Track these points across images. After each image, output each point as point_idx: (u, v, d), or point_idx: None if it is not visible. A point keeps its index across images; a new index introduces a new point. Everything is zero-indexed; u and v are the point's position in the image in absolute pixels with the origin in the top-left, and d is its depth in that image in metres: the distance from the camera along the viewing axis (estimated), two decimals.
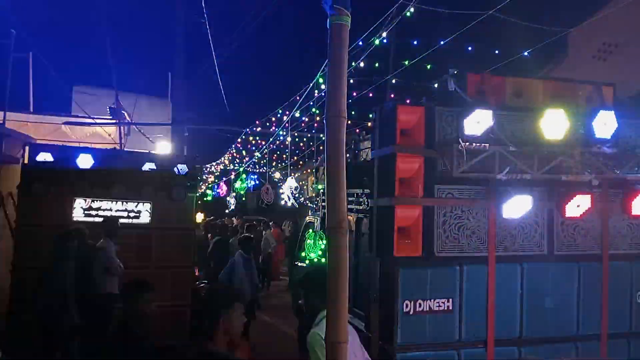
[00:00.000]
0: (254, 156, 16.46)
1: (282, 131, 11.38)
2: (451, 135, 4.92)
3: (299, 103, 8.25)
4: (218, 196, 20.39)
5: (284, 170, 16.14)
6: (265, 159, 15.19)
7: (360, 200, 6.11)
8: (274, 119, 11.61)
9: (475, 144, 4.77)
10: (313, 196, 14.19)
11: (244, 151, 16.62)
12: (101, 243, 7.44)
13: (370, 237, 5.36)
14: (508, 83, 5.40)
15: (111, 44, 12.28)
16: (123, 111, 11.32)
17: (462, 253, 5.01)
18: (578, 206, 5.02)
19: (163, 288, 8.31)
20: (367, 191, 5.69)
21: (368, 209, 5.58)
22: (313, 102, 8.54)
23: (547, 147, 4.88)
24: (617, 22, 10.88)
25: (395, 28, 6.74)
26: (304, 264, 9.33)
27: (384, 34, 6.14)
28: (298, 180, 17.40)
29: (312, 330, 3.51)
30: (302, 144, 14.81)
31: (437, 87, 5.62)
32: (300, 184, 15.05)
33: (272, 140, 12.79)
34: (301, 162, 17.34)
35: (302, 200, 17.98)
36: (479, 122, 4.66)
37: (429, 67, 8.24)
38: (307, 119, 10.72)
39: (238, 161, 18.59)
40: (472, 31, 6.72)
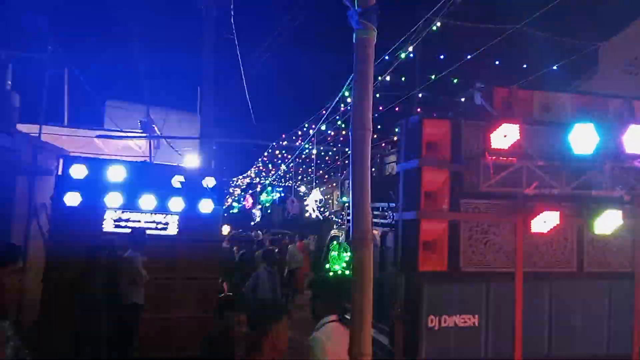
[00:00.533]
0: (279, 169, 16.58)
1: (308, 144, 11.46)
2: (477, 149, 4.89)
3: (325, 116, 8.33)
4: (244, 209, 20.56)
5: (309, 185, 16.22)
6: (291, 172, 15.29)
7: (386, 214, 6.10)
8: (300, 132, 11.71)
9: (502, 158, 4.73)
10: (338, 210, 14.20)
11: (270, 164, 16.76)
12: (129, 254, 7.58)
13: (395, 251, 5.34)
14: (536, 97, 5.36)
15: (142, 60, 12.63)
16: (153, 125, 11.57)
17: (488, 268, 4.95)
18: (608, 223, 4.91)
19: (189, 299, 8.43)
20: (392, 205, 5.68)
21: (393, 222, 5.57)
22: (339, 115, 8.60)
23: (576, 162, 4.81)
24: None
25: (422, 42, 6.77)
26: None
27: (410, 47, 6.18)
28: (323, 194, 17.44)
29: (313, 334, 3.54)
30: (327, 157, 14.87)
31: (463, 100, 5.61)
32: (326, 198, 15.10)
33: (298, 153, 12.88)
34: (327, 176, 17.40)
35: (327, 214, 18.00)
36: (506, 136, 4.63)
37: (456, 81, 8.23)
38: (333, 133, 10.79)
39: (264, 174, 18.74)
40: (499, 45, 6.69)
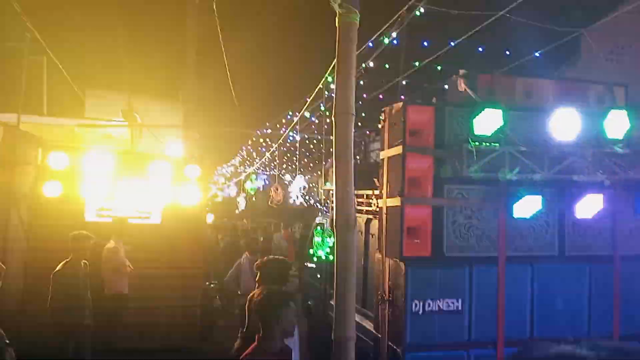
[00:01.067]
0: (264, 157, 16.53)
1: (292, 132, 11.42)
2: (461, 135, 4.91)
3: (308, 103, 8.30)
4: (228, 197, 20.46)
5: (294, 173, 16.20)
6: (276, 160, 15.25)
7: (370, 201, 6.12)
8: (284, 120, 11.65)
9: (485, 143, 4.76)
10: (323, 198, 14.20)
11: (255, 153, 16.69)
12: (111, 243, 7.52)
13: (380, 237, 5.36)
14: (518, 83, 5.39)
15: (124, 48, 12.40)
16: (135, 114, 11.40)
17: (471, 253, 4.99)
18: (589, 207, 4.98)
19: (173, 288, 8.40)
20: (376, 192, 5.70)
21: (377, 209, 5.58)
22: (322, 102, 8.57)
23: (558, 147, 4.86)
24: (629, 24, 10.79)
25: (406, 29, 6.75)
26: (314, 265, 9.34)
27: (394, 34, 6.16)
28: (308, 182, 17.42)
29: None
30: (312, 146, 14.85)
31: (447, 87, 5.61)
32: (311, 186, 15.08)
33: (283, 141, 12.84)
34: (311, 164, 17.38)
35: (313, 202, 18.01)
36: (489, 122, 4.65)
37: (440, 68, 8.23)
38: (317, 121, 10.76)
39: (248, 163, 18.66)
40: (483, 32, 6.70)
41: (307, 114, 10.29)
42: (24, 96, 10.00)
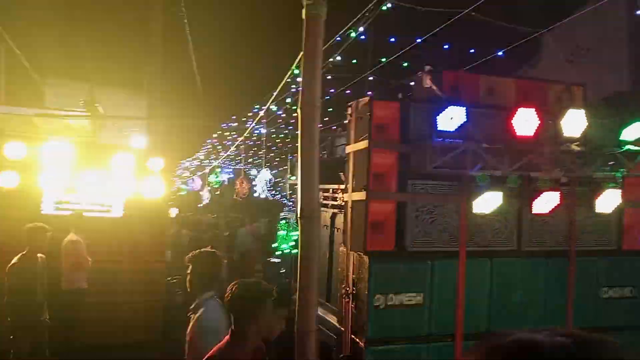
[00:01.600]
0: (229, 151, 16.38)
1: (258, 125, 11.35)
2: (425, 131, 4.97)
3: (274, 96, 8.25)
4: (192, 191, 20.21)
5: (259, 167, 16.12)
6: (242, 155, 15.13)
7: (336, 195, 6.14)
8: (250, 114, 11.57)
9: (448, 140, 4.84)
10: (289, 193, 14.19)
11: (220, 146, 16.51)
12: (70, 237, 7.34)
13: (344, 231, 5.39)
14: (482, 81, 5.50)
15: (86, 37, 12.08)
16: (97, 104, 11.12)
17: (433, 248, 5.07)
18: (547, 203, 5.13)
19: (135, 283, 8.25)
20: (342, 187, 5.72)
21: (343, 204, 5.61)
22: (290, 96, 8.55)
23: (518, 145, 4.97)
24: (588, 26, 11.15)
25: (373, 25, 6.79)
26: (278, 260, 9.34)
27: (361, 28, 6.19)
28: (275, 176, 17.34)
29: (195, 317, 3.41)
30: (278, 140, 14.80)
31: (412, 84, 5.68)
32: (277, 181, 15.00)
33: (249, 134, 12.74)
34: (277, 159, 17.32)
35: (279, 197, 17.95)
36: (453, 119, 4.73)
37: (406, 64, 8.33)
38: (284, 115, 10.73)
39: (214, 156, 18.46)
40: (448, 30, 6.80)
41: (274, 108, 10.24)
42: None
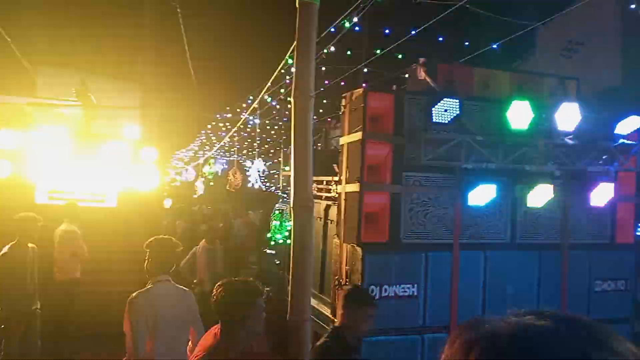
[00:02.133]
0: (223, 142, 16.31)
1: (252, 116, 11.31)
2: (420, 123, 4.97)
3: (267, 86, 8.22)
4: (186, 182, 20.14)
5: (253, 159, 16.08)
6: (236, 146, 15.09)
7: (330, 187, 6.14)
8: (244, 105, 11.51)
9: (442, 132, 4.84)
10: (284, 185, 14.17)
11: (214, 137, 16.45)
12: (65, 227, 7.31)
13: (338, 223, 5.39)
14: (476, 74, 5.50)
15: (79, 26, 11.95)
16: (89, 94, 11.03)
17: (427, 240, 5.09)
18: (540, 196, 5.15)
19: (128, 273, 8.23)
20: (336, 179, 5.72)
21: (336, 195, 5.61)
22: (283, 87, 8.53)
23: (512, 138, 4.99)
24: (582, 20, 11.16)
25: (368, 17, 6.77)
26: (273, 252, 9.34)
27: (355, 19, 6.16)
28: (270, 168, 17.30)
29: (133, 294, 3.68)
30: (273, 132, 14.76)
31: (407, 76, 5.67)
32: (271, 172, 14.99)
33: (243, 125, 12.70)
34: (272, 150, 17.29)
35: (273, 189, 17.93)
36: (447, 111, 4.74)
37: (400, 56, 8.32)
38: (278, 106, 10.69)
39: (208, 148, 18.39)
40: (443, 22, 6.79)
41: (268, 98, 10.19)
42: None
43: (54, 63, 12.66)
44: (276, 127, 13.81)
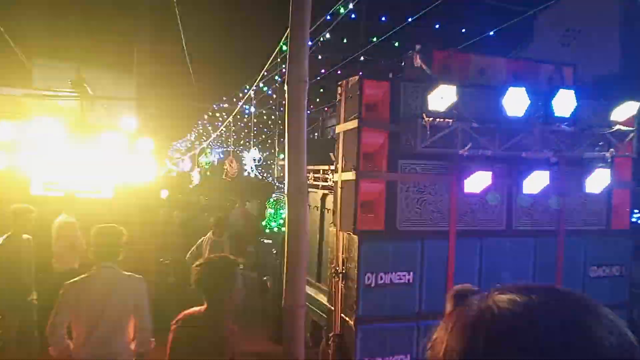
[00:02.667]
0: (219, 132, 16.26)
1: (247, 104, 11.26)
2: (416, 111, 4.95)
3: (261, 74, 8.19)
4: (182, 172, 20.07)
5: (249, 148, 16.05)
6: (233, 136, 15.03)
7: (327, 176, 6.14)
8: (241, 94, 11.47)
9: (438, 119, 4.83)
10: (281, 176, 14.15)
11: (211, 127, 16.39)
12: (62, 218, 7.30)
13: (334, 211, 5.39)
14: (472, 61, 5.47)
15: (75, 17, 11.87)
16: (85, 85, 10.99)
17: (423, 227, 5.09)
18: (536, 183, 5.15)
19: (126, 265, 8.22)
20: (332, 168, 5.71)
21: (333, 184, 5.61)
22: (279, 74, 8.49)
23: (508, 124, 4.98)
24: (579, 8, 11.12)
25: (364, 4, 6.72)
26: (270, 241, 9.35)
27: (350, 5, 6.12)
28: (266, 159, 17.26)
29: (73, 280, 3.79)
30: (270, 122, 14.71)
31: (403, 63, 5.64)
32: (269, 163, 14.95)
33: (240, 115, 12.66)
34: (269, 140, 17.24)
35: (270, 179, 17.92)
36: (443, 98, 4.71)
37: (397, 44, 8.27)
38: (274, 95, 10.65)
39: (204, 138, 18.34)
40: (440, 9, 6.75)
41: (264, 88, 10.15)
42: None
43: (50, 54, 12.59)
44: (273, 117, 13.77)
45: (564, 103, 5.03)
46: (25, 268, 6.22)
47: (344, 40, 8.96)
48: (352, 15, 6.55)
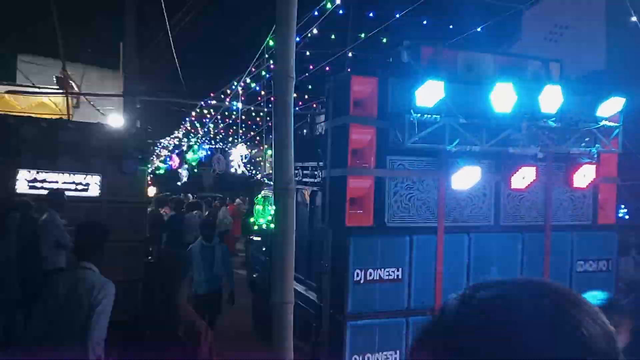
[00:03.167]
0: (208, 129, 16.16)
1: (235, 100, 11.20)
2: (404, 107, 4.94)
3: (249, 69, 8.14)
4: (170, 169, 19.92)
5: (236, 144, 15.98)
6: (222, 134, 14.97)
7: (315, 173, 6.11)
8: (229, 91, 11.42)
9: (426, 115, 4.83)
10: (269, 172, 14.13)
11: (199, 125, 16.30)
12: (47, 216, 7.21)
13: (323, 208, 5.38)
14: (460, 56, 5.47)
15: (58, 11, 11.72)
16: (71, 81, 10.88)
17: (412, 223, 5.09)
18: (523, 178, 5.18)
19: (114, 263, 8.14)
20: (321, 164, 5.69)
21: (321, 181, 5.59)
22: (267, 71, 8.44)
23: (495, 120, 4.99)
24: (566, 4, 11.18)
25: (353, 0, 6.69)
26: (259, 239, 9.31)
27: (338, 0, 6.09)
28: (255, 156, 17.21)
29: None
30: (258, 119, 14.66)
31: (391, 59, 5.63)
32: (258, 160, 14.90)
33: (228, 112, 12.60)
34: (258, 137, 17.19)
35: (260, 177, 17.88)
36: (431, 94, 4.72)
37: (385, 40, 8.26)
38: (262, 92, 10.61)
39: (192, 135, 18.21)
40: (428, 5, 6.75)
41: (252, 84, 10.10)
42: None
43: (35, 51, 12.44)
44: (261, 114, 13.72)
45: (551, 99, 5.07)
46: (8, 265, 6.15)
47: (332, 36, 8.96)
48: (340, 11, 6.55)
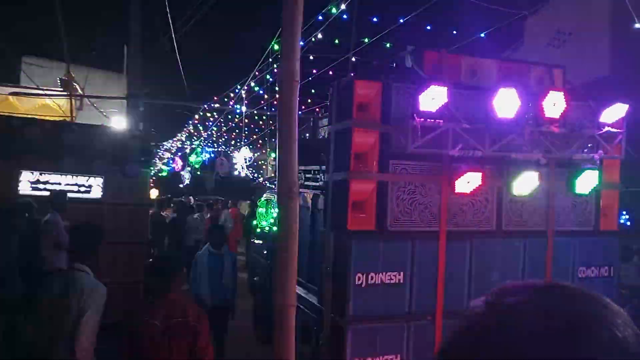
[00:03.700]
0: (211, 132, 16.19)
1: (239, 104, 11.23)
2: (407, 111, 4.95)
3: (253, 73, 8.18)
4: (173, 172, 19.91)
5: (240, 148, 15.98)
6: (224, 137, 14.98)
7: (318, 177, 6.13)
8: (232, 95, 11.45)
9: (429, 120, 4.83)
10: (272, 176, 14.15)
11: (202, 127, 16.33)
12: (49, 217, 7.23)
13: (325, 211, 5.38)
14: (464, 62, 5.49)
15: (63, 13, 11.79)
16: (75, 83, 10.91)
17: (414, 227, 5.09)
18: (526, 184, 5.18)
19: (115, 265, 8.18)
20: (324, 168, 5.71)
21: (324, 184, 5.60)
22: (271, 74, 8.48)
23: (498, 125, 5.00)
24: (570, 10, 11.20)
25: (356, 5, 6.72)
26: (260, 242, 9.33)
27: (342, 5, 6.12)
28: (258, 159, 17.22)
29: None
30: (261, 122, 14.69)
31: (394, 64, 5.65)
32: (260, 163, 14.92)
33: (231, 115, 12.62)
34: (260, 141, 17.22)
35: (262, 180, 17.90)
36: (434, 99, 4.72)
37: (389, 45, 8.28)
38: (266, 95, 10.64)
39: (195, 138, 18.24)
40: (431, 11, 6.77)
41: (255, 87, 10.12)
42: None
43: (39, 53, 12.49)
44: (264, 117, 13.74)
45: (554, 104, 5.07)
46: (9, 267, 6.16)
47: (336, 40, 8.99)
48: (344, 16, 6.57)
